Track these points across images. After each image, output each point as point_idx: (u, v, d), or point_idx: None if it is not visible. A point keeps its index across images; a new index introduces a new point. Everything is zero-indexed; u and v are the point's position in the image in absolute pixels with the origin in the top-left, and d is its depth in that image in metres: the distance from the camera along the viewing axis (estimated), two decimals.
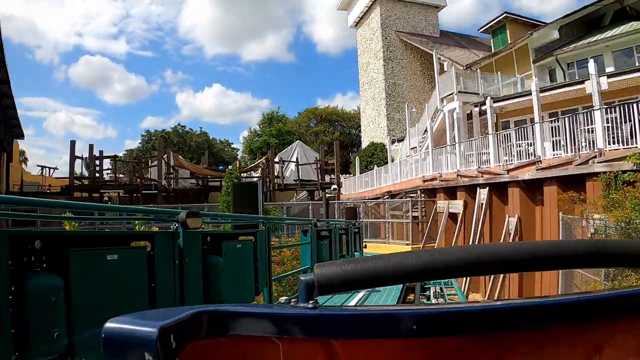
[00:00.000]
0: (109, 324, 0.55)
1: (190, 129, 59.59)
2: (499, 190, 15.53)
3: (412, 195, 20.89)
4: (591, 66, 14.58)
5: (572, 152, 13.06)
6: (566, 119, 13.48)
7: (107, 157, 25.85)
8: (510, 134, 15.53)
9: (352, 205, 25.17)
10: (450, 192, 18.33)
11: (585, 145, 13.02)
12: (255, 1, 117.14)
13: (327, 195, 24.57)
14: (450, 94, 24.43)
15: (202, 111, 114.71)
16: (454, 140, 19.47)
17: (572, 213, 12.86)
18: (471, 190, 16.90)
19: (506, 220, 14.75)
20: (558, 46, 26.74)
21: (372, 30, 42.90)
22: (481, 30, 34.15)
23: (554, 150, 13.91)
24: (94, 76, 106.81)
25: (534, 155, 14.42)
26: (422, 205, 19.99)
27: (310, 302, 0.66)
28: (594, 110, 12.90)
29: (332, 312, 0.67)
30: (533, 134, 14.64)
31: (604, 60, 23.75)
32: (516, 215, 14.33)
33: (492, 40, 33.54)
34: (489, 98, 17.85)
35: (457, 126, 19.73)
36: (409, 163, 23.08)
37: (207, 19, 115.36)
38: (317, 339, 0.65)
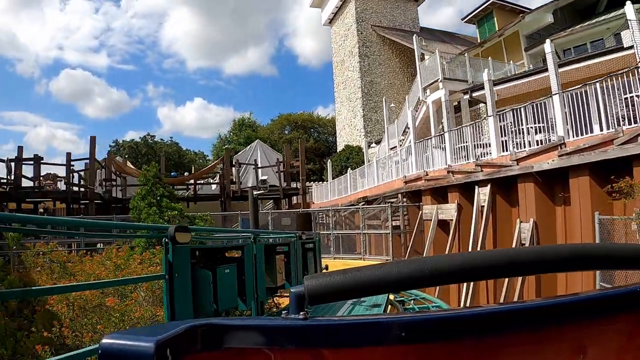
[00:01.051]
0: (106, 340, 0.57)
1: (161, 139, 55.44)
2: (505, 187, 11.78)
3: (391, 200, 17.05)
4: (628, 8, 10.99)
5: (609, 128, 9.37)
6: (597, 85, 9.82)
7: (27, 159, 21.41)
8: (520, 110, 11.78)
9: (322, 213, 21.53)
10: (440, 194, 14.53)
11: (627, 119, 9.38)
12: (237, 15, 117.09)
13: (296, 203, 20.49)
14: (434, 82, 20.86)
15: (183, 125, 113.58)
16: (442, 131, 15.73)
17: (610, 212, 9.18)
18: (467, 189, 13.13)
19: (517, 227, 10.98)
20: (551, 33, 23.52)
21: (346, 26, 39.45)
22: (465, 20, 30.88)
23: (579, 129, 10.20)
24: (75, 90, 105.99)
25: (552, 136, 10.70)
26: (405, 212, 16.16)
27: (301, 313, 0.68)
28: None
29: (323, 322, 0.68)
30: (550, 111, 10.92)
31: (604, 44, 20.57)
32: (531, 220, 10.57)
33: (477, 30, 30.33)
34: (487, 76, 14.11)
35: (446, 113, 16.03)
36: (387, 164, 19.30)
37: (189, 33, 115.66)
38: (308, 349, 0.66)
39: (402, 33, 37.39)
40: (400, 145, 21.41)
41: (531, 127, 11.71)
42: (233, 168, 22.37)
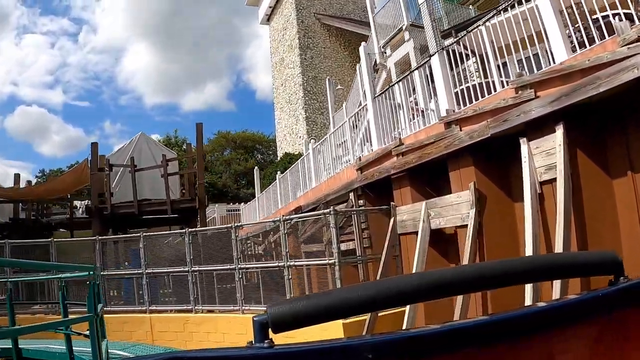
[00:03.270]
0: None
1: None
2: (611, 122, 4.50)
3: (339, 204, 9.53)
4: None
5: None
6: None
7: None
8: None
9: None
10: (430, 178, 7.24)
11: None
12: (196, 50, 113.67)
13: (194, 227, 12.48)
14: (396, 34, 13.89)
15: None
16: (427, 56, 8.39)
17: None
18: (496, 154, 5.88)
19: None
20: None
21: (285, 18, 32.63)
22: None
23: None
24: (31, 127, 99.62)
25: None
26: (362, 223, 8.66)
27: (266, 341, 0.67)
28: None
29: (288, 350, 0.68)
30: None
31: None
32: None
33: None
34: None
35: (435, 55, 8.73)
36: (327, 150, 11.90)
37: (147, 68, 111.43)
38: None
39: (351, 22, 30.79)
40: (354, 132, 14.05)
41: None
42: (102, 173, 14.32)
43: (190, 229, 10.17)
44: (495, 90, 6.53)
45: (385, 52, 14.95)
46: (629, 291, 0.83)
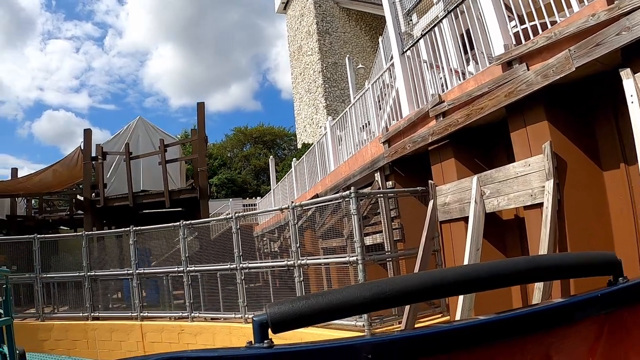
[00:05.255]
0: None
1: None
2: None
3: (362, 188, 7.75)
4: None
5: None
6: None
7: None
8: None
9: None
10: (483, 143, 5.38)
11: None
12: (221, 52, 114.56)
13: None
14: None
15: None
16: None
17: None
18: (581, 101, 4.04)
19: None
20: None
21: (302, 4, 30.95)
22: None
23: None
24: (58, 131, 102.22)
25: None
26: (391, 208, 6.89)
27: (265, 341, 0.66)
28: None
29: (288, 350, 0.68)
30: None
31: None
32: None
33: None
34: None
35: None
36: (348, 122, 10.15)
37: (172, 70, 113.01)
38: None
39: (372, 5, 28.92)
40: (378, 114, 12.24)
41: None
42: (94, 162, 12.82)
43: (185, 222, 8.54)
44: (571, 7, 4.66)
45: (411, 20, 13.09)
46: (628, 292, 0.83)
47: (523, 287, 5.25)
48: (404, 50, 7.19)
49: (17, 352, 3.57)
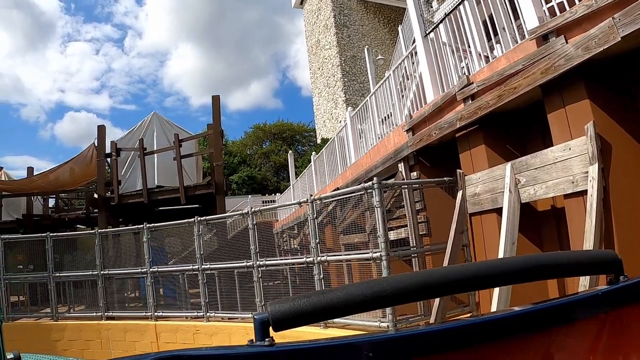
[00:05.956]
0: None
1: None
2: None
3: (384, 180, 7.31)
4: None
5: None
6: None
7: None
8: None
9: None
10: (516, 128, 4.92)
11: None
12: (240, 51, 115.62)
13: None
14: None
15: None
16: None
17: None
18: (625, 78, 3.58)
19: None
20: None
21: None
22: None
23: None
24: (80, 132, 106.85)
25: None
26: (416, 200, 6.47)
27: (267, 339, 0.66)
28: None
29: (289, 348, 0.68)
30: None
31: None
32: None
33: None
34: None
35: None
36: (370, 113, 9.75)
37: (192, 70, 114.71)
38: None
39: None
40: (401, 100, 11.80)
41: None
42: (109, 159, 12.64)
43: (200, 218, 8.26)
44: None
45: (431, 7, 12.57)
46: (628, 290, 0.83)
47: (560, 280, 4.81)
48: (427, 32, 6.73)
49: (11, 357, 3.27)
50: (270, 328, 0.67)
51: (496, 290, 4.57)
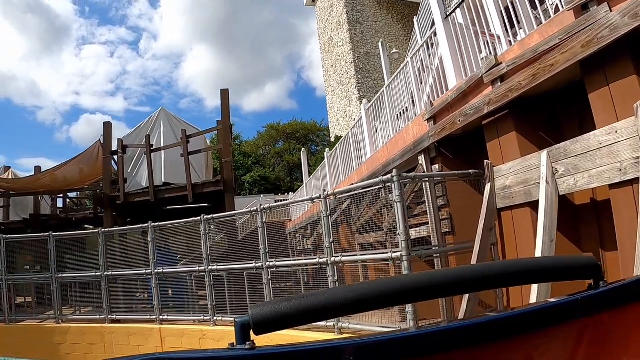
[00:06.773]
0: None
1: None
2: None
3: (404, 171, 6.79)
4: None
5: None
6: None
7: None
8: None
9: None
10: (550, 112, 4.38)
11: None
12: (255, 52, 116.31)
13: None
14: None
15: None
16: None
17: None
18: None
19: None
20: None
21: None
22: None
23: None
24: (96, 134, 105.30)
25: None
26: (439, 195, 5.95)
27: (247, 343, 0.65)
28: None
29: (270, 351, 0.66)
30: None
31: None
32: None
33: None
34: None
35: None
36: (386, 104, 9.24)
37: (207, 71, 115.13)
38: None
39: None
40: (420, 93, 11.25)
41: None
42: (115, 157, 12.32)
43: (206, 216, 7.84)
44: None
45: None
46: (608, 295, 0.82)
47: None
48: (448, 13, 6.21)
49: None
50: (252, 331, 0.65)
51: (534, 289, 4.05)
